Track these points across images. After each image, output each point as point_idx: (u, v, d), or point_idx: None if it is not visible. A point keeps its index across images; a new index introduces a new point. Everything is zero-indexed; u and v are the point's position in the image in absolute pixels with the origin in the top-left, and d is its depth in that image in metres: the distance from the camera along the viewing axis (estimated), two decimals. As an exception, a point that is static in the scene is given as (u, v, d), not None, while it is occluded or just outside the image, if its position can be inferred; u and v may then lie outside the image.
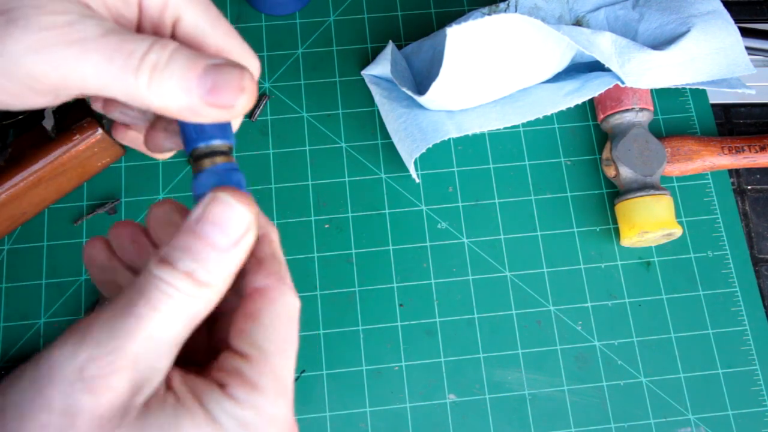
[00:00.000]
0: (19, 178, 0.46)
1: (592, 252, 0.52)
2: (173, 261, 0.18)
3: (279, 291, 0.20)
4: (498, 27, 0.44)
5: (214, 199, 0.19)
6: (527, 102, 0.51)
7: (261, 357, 0.20)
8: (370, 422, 0.47)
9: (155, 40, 0.19)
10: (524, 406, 0.48)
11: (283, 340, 0.20)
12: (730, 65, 0.51)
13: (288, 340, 0.20)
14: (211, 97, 0.19)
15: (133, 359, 0.18)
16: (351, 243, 0.51)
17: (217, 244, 0.19)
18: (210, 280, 0.19)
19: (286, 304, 0.20)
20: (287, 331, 0.20)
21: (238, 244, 0.19)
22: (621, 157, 0.50)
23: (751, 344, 0.50)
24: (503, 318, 0.50)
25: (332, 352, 0.49)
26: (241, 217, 0.19)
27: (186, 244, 0.19)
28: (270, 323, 0.20)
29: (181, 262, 0.18)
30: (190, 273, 0.18)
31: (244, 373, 0.19)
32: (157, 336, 0.18)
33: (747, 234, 0.53)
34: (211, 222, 0.19)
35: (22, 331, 0.49)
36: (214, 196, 0.19)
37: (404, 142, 0.50)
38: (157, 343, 0.18)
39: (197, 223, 0.19)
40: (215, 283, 0.19)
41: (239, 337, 0.20)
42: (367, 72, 0.55)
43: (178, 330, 0.19)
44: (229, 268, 0.19)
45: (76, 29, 0.18)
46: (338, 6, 0.58)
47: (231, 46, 0.22)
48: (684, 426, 0.48)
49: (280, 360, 0.20)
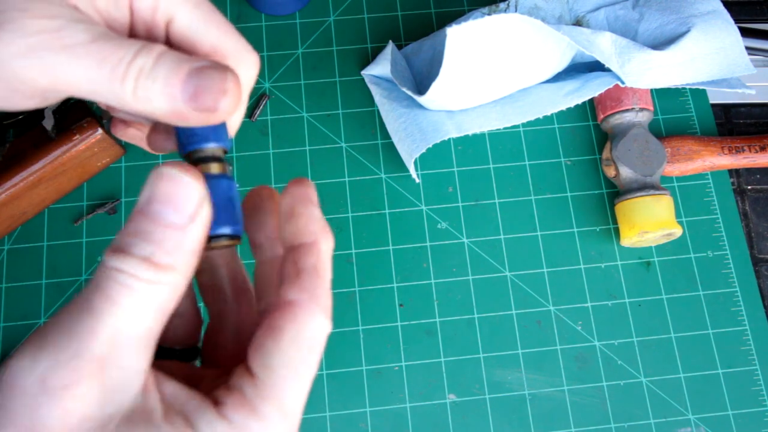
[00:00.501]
0: (19, 178, 0.46)
1: (592, 252, 0.52)
2: (127, 247, 0.17)
3: (308, 311, 0.19)
4: (498, 27, 0.44)
5: (159, 176, 0.17)
6: (527, 102, 0.51)
7: (269, 380, 0.18)
8: (370, 422, 0.47)
9: (142, 46, 0.19)
10: (524, 406, 0.48)
11: (299, 365, 0.18)
12: (730, 65, 0.51)
13: (305, 366, 0.18)
14: (194, 102, 0.18)
15: (98, 362, 0.16)
16: (351, 243, 0.51)
17: (171, 222, 0.17)
18: (171, 262, 0.17)
19: (313, 326, 0.19)
20: (307, 356, 0.18)
21: (194, 219, 0.18)
22: (621, 157, 0.50)
23: (751, 344, 0.50)
24: (503, 318, 0.50)
25: (332, 352, 0.49)
26: (191, 190, 0.18)
27: (138, 227, 0.17)
28: (289, 344, 0.18)
29: (136, 248, 0.17)
30: (148, 257, 0.17)
31: (246, 395, 0.18)
32: (123, 332, 0.17)
33: (747, 234, 0.53)
34: (161, 200, 0.17)
35: (22, 331, 0.49)
36: (159, 172, 0.17)
37: (404, 142, 0.50)
38: (123, 341, 0.17)
39: (147, 203, 0.17)
40: (177, 264, 0.17)
41: (255, 352, 0.18)
42: (367, 72, 0.55)
43: (146, 323, 0.17)
44: (190, 246, 0.18)
45: (65, 34, 0.18)
46: (338, 6, 0.58)
47: (226, 43, 0.21)
48: (684, 426, 0.48)
49: (291, 387, 0.18)
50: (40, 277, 0.50)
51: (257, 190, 0.23)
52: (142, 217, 0.17)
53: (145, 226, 0.17)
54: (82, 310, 0.17)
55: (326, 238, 0.20)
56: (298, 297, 0.19)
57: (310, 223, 0.19)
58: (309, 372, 0.18)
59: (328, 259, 0.20)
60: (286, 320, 0.18)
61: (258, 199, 0.23)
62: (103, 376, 0.16)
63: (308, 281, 0.19)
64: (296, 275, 0.19)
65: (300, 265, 0.19)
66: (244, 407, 0.17)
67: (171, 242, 0.17)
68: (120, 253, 0.17)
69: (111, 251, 0.17)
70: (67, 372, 0.16)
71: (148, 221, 0.17)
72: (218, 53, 0.21)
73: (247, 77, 0.22)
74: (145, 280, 0.17)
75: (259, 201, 0.23)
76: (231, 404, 0.18)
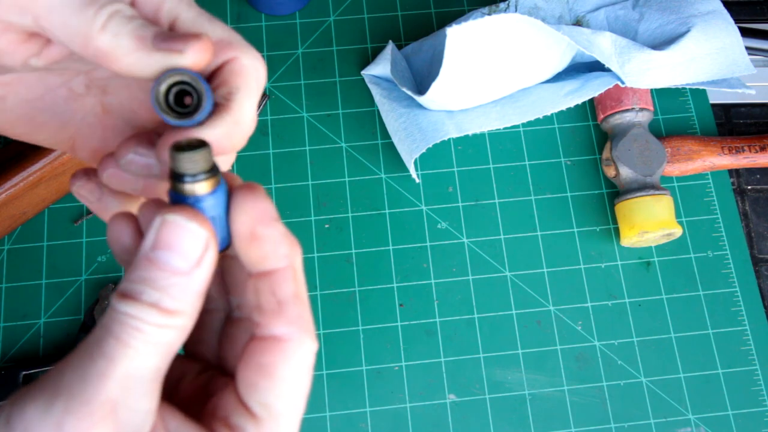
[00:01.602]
0: (19, 178, 0.46)
1: (592, 252, 0.52)
2: (136, 294, 0.17)
3: (299, 343, 0.18)
4: (498, 27, 0.44)
5: (164, 224, 0.17)
6: (527, 102, 0.51)
7: (271, 419, 0.18)
8: (370, 422, 0.47)
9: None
10: (524, 406, 0.48)
11: (296, 397, 0.19)
12: (730, 65, 0.51)
13: (301, 394, 0.19)
14: (162, 41, 0.18)
15: (112, 405, 0.16)
16: (351, 243, 0.51)
17: (177, 269, 0.17)
18: (177, 307, 0.17)
19: (304, 354, 0.19)
20: (301, 384, 0.19)
21: (200, 264, 0.18)
22: (621, 157, 0.50)
23: (751, 344, 0.50)
24: (503, 318, 0.50)
25: (332, 352, 0.49)
26: (196, 236, 0.17)
27: (145, 274, 0.17)
28: (285, 380, 0.18)
29: (144, 294, 0.17)
30: (155, 303, 0.17)
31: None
32: (134, 374, 0.17)
33: (747, 234, 0.53)
34: (166, 247, 0.17)
35: (22, 331, 0.49)
36: (164, 219, 0.17)
37: (404, 142, 0.50)
38: (135, 383, 0.17)
39: (152, 250, 0.17)
40: (183, 308, 0.18)
41: (250, 392, 0.18)
42: (367, 72, 0.55)
43: (155, 364, 0.17)
44: (195, 290, 0.18)
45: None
46: (338, 6, 0.58)
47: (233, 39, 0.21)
48: (684, 426, 0.48)
49: (291, 418, 0.19)
50: (40, 277, 0.50)
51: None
52: (149, 263, 0.17)
53: (152, 272, 0.17)
54: (94, 354, 0.17)
55: (297, 255, 0.19)
56: (285, 331, 0.18)
57: (279, 247, 0.19)
58: (304, 394, 0.19)
59: (303, 275, 0.19)
60: (277, 358, 0.18)
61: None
62: (116, 418, 0.17)
63: (292, 312, 0.19)
64: (278, 307, 0.19)
65: (279, 297, 0.19)
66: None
67: (177, 288, 0.17)
68: (129, 299, 0.17)
69: (119, 296, 0.17)
70: (83, 417, 0.16)
71: (155, 268, 0.17)
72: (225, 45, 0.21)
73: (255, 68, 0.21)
74: (154, 324, 0.17)
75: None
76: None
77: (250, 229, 0.18)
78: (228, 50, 0.21)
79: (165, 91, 0.19)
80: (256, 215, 0.18)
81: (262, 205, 0.18)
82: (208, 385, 0.21)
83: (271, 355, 0.18)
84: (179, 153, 0.18)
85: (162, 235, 0.17)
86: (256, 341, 0.19)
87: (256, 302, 0.19)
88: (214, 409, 0.19)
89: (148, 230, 0.18)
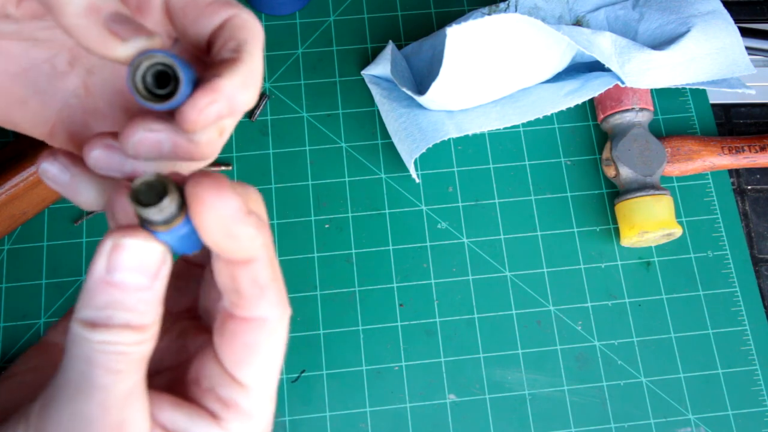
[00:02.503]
0: (19, 178, 0.46)
1: (592, 252, 0.52)
2: (104, 320, 0.17)
3: (280, 320, 0.19)
4: (498, 27, 0.44)
5: (115, 248, 0.17)
6: (527, 102, 0.51)
7: (258, 387, 0.19)
8: (370, 422, 0.47)
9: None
10: (524, 406, 0.48)
11: (276, 365, 0.20)
12: (730, 65, 0.51)
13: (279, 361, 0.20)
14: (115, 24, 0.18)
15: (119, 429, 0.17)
16: (351, 243, 0.51)
17: (138, 286, 0.17)
18: (147, 321, 0.18)
19: (284, 329, 0.20)
20: (281, 354, 0.20)
21: (158, 275, 0.18)
22: (621, 157, 0.50)
23: (751, 344, 0.50)
24: (503, 318, 0.50)
25: (332, 352, 0.49)
26: (152, 252, 0.18)
27: (107, 298, 0.17)
28: (269, 354, 0.19)
29: (114, 318, 0.17)
30: (127, 324, 0.17)
31: (240, 405, 0.19)
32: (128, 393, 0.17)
33: (747, 234, 0.53)
34: (123, 269, 0.17)
35: (22, 331, 0.49)
36: (115, 243, 0.17)
37: (404, 142, 0.50)
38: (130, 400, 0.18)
39: (108, 273, 0.17)
40: (152, 319, 0.18)
41: (237, 367, 0.19)
42: (367, 72, 0.55)
43: (141, 376, 0.18)
44: (158, 298, 0.18)
45: None
46: (338, 6, 0.58)
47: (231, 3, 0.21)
48: (684, 426, 0.48)
49: (272, 384, 0.20)
50: (40, 277, 0.50)
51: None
52: (107, 286, 0.17)
53: (114, 295, 0.17)
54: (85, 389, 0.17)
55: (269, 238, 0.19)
56: (268, 313, 0.19)
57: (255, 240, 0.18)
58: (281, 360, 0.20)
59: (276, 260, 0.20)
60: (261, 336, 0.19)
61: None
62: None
63: (273, 294, 0.19)
64: (260, 292, 0.19)
65: (261, 282, 0.19)
66: (241, 415, 0.19)
67: (142, 304, 0.18)
68: (100, 327, 0.17)
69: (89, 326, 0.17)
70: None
71: (116, 290, 0.17)
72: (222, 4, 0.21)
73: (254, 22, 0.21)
74: (132, 343, 0.17)
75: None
76: (230, 418, 0.19)
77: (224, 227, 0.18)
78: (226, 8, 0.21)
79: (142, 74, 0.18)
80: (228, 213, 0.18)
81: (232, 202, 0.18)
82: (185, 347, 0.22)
83: (256, 334, 0.19)
84: (141, 208, 0.17)
85: (116, 258, 0.17)
86: (240, 321, 0.19)
87: (234, 287, 0.19)
88: (197, 378, 0.20)
89: (98, 254, 0.17)
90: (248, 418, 0.19)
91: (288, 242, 0.51)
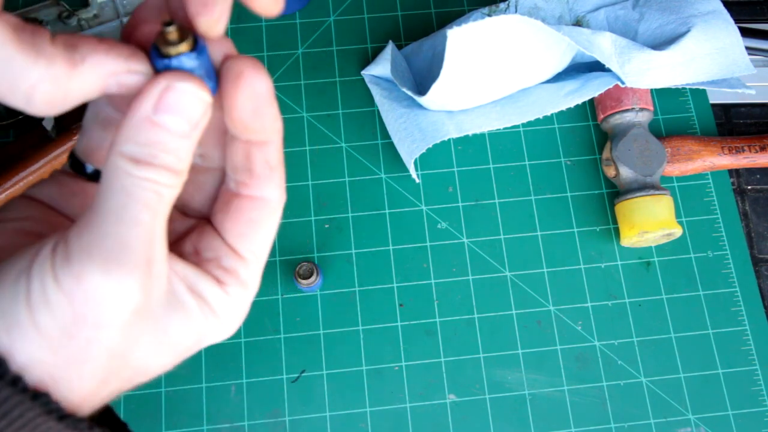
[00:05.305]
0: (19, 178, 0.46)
1: (592, 252, 0.52)
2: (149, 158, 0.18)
3: (280, 202, 0.22)
4: (498, 28, 0.44)
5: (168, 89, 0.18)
6: (527, 102, 0.51)
7: (255, 260, 0.22)
8: (370, 422, 0.47)
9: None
10: (524, 406, 0.48)
11: (270, 242, 0.22)
12: (730, 65, 0.51)
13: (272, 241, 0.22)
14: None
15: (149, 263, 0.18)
16: (351, 243, 0.51)
17: (181, 132, 0.18)
18: (183, 168, 0.19)
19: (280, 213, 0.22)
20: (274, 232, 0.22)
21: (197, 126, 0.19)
22: (621, 157, 0.50)
23: (751, 344, 0.50)
24: (503, 318, 0.50)
25: (332, 352, 0.49)
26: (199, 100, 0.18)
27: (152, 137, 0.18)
28: (268, 231, 0.22)
29: (158, 159, 0.18)
30: (168, 166, 0.18)
31: (240, 275, 0.21)
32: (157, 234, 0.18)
33: (747, 234, 0.53)
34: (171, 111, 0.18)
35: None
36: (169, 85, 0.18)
37: (404, 142, 0.51)
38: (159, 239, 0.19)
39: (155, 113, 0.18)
40: (185, 167, 0.19)
41: (239, 240, 0.21)
42: (367, 72, 0.55)
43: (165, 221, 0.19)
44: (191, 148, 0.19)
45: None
46: (338, 6, 0.58)
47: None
48: (684, 426, 0.48)
49: (265, 258, 0.22)
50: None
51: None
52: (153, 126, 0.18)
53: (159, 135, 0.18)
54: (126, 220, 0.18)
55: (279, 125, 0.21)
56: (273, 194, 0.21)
57: (275, 122, 0.21)
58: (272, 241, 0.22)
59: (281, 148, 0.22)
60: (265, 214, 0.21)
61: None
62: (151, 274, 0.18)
63: (279, 177, 0.21)
64: (270, 173, 0.21)
65: (272, 164, 0.21)
66: (239, 283, 0.21)
67: (182, 150, 0.19)
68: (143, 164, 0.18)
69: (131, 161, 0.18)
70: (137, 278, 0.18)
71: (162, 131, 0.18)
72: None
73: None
74: (169, 186, 0.18)
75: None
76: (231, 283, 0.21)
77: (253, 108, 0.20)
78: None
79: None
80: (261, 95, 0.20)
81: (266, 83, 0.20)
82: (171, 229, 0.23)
83: (261, 212, 0.21)
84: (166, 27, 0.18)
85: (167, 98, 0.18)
86: (247, 200, 0.21)
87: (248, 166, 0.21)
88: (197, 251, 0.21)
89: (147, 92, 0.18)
90: (244, 287, 0.21)
91: (288, 242, 0.51)
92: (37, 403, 0.18)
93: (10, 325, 0.17)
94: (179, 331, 0.20)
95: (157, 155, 0.18)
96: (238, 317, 0.22)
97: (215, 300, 0.21)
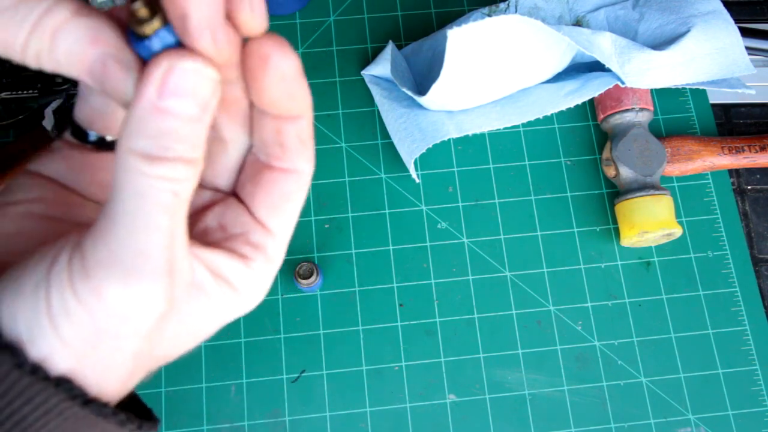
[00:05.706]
0: (19, 178, 0.46)
1: (592, 252, 0.52)
2: (162, 153, 0.16)
3: (309, 176, 0.21)
4: (498, 28, 0.44)
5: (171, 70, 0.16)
6: (527, 102, 0.51)
7: (283, 233, 0.21)
8: (370, 422, 0.47)
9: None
10: (524, 406, 0.48)
11: (296, 218, 0.22)
12: (730, 65, 0.51)
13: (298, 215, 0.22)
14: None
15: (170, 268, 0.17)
16: (351, 243, 0.51)
17: (191, 116, 0.16)
18: (197, 156, 0.17)
19: (308, 185, 0.22)
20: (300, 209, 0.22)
21: (208, 107, 0.17)
22: (621, 157, 0.50)
23: (751, 344, 0.50)
24: (503, 318, 0.50)
25: (332, 352, 0.49)
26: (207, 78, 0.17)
27: (162, 126, 0.16)
28: (297, 204, 0.21)
29: (171, 150, 0.16)
30: (181, 157, 0.16)
31: (267, 249, 0.21)
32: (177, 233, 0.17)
33: (747, 234, 0.53)
34: (178, 94, 0.16)
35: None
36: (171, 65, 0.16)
37: (404, 142, 0.51)
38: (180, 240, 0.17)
39: (161, 99, 0.16)
40: (199, 155, 0.17)
41: (271, 213, 0.21)
42: (367, 72, 0.55)
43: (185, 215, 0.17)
44: (205, 133, 0.17)
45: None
46: (338, 6, 0.58)
47: None
48: (684, 426, 0.48)
49: (290, 234, 0.22)
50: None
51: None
52: (159, 113, 0.16)
53: (168, 123, 0.16)
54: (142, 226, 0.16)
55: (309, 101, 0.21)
56: (305, 167, 0.21)
57: (307, 100, 0.20)
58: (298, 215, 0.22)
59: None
60: (296, 187, 0.21)
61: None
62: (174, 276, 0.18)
63: (310, 150, 0.21)
64: (302, 146, 0.21)
65: (304, 138, 0.21)
66: (266, 259, 0.21)
67: (196, 135, 0.17)
68: (157, 160, 0.16)
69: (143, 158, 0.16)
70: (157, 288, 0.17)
71: (171, 118, 0.16)
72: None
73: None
74: (186, 179, 0.17)
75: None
76: (258, 258, 0.20)
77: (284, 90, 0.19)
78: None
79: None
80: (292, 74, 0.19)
81: (294, 62, 0.19)
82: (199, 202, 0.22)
83: (293, 184, 0.21)
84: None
85: (171, 80, 0.16)
86: (279, 172, 0.21)
87: (279, 141, 0.20)
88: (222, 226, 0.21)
89: (148, 77, 0.16)
90: (270, 261, 0.21)
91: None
92: (61, 389, 0.17)
93: (33, 337, 0.17)
94: (201, 316, 0.20)
95: (170, 146, 0.16)
96: (263, 292, 0.21)
97: (238, 279, 0.20)
